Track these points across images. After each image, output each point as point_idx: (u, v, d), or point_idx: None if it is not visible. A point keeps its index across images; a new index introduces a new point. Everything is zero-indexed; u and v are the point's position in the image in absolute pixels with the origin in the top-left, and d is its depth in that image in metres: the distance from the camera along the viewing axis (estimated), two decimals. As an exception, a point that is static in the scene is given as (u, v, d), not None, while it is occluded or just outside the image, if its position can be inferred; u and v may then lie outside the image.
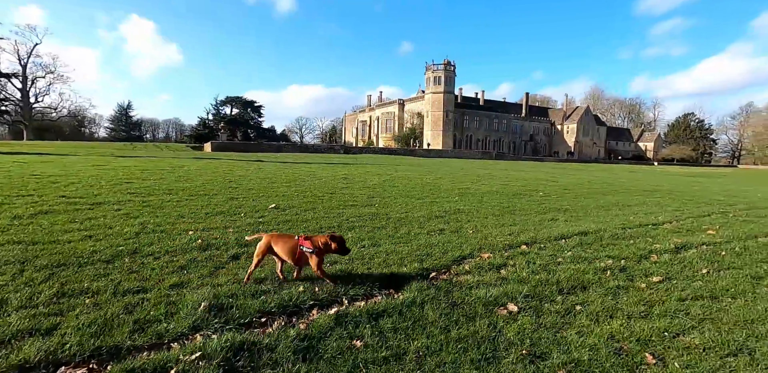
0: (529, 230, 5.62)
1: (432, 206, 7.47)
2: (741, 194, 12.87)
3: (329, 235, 3.21)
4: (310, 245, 3.10)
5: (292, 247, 3.13)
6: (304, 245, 3.10)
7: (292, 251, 3.15)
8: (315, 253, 3.10)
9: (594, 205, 8.57)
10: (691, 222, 6.86)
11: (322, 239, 3.17)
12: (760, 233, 6.05)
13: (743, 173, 50.73)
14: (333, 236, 3.18)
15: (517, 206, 7.84)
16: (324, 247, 3.15)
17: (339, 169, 16.38)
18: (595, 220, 6.70)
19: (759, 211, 8.63)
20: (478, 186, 11.25)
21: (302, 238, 3.17)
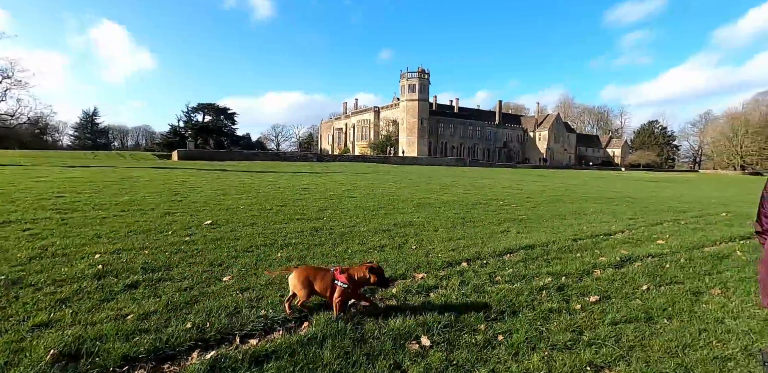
0: (477, 243, 5.38)
1: (384, 218, 7.17)
2: (696, 200, 13.17)
3: (367, 266, 2.94)
4: (345, 280, 2.84)
5: (330, 282, 2.87)
6: (339, 279, 2.85)
7: (329, 286, 2.88)
8: (348, 288, 2.86)
9: (551, 214, 8.47)
10: (643, 231, 6.80)
11: (359, 272, 2.91)
12: (707, 242, 6.01)
13: (703, 178, 53.04)
14: (371, 268, 2.92)
15: (473, 217, 7.63)
16: (360, 280, 2.91)
17: (304, 178, 15.94)
18: (548, 230, 6.54)
19: (709, 217, 8.73)
20: (440, 196, 11.05)
21: (337, 271, 2.91)
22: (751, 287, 3.98)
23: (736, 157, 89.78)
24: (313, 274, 2.91)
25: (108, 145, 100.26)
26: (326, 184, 13.52)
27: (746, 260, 5.05)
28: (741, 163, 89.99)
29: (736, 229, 7.32)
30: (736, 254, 5.35)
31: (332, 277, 2.88)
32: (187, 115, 74.21)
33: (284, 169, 22.70)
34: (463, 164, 58.36)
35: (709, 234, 6.69)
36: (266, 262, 4.20)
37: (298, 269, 2.98)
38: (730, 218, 8.73)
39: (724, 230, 7.19)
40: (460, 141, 78.24)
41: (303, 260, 4.33)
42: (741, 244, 6.04)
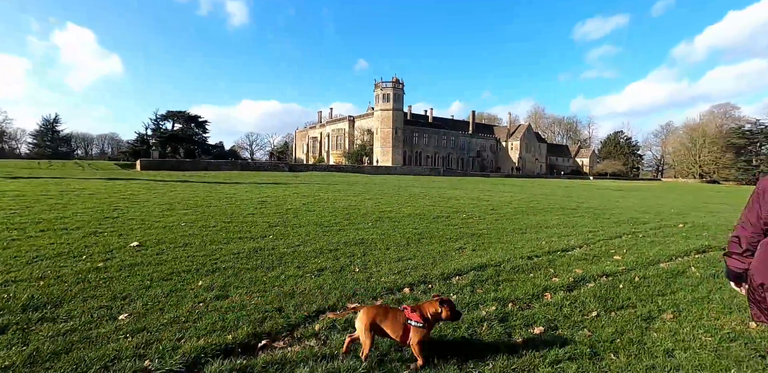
0: (427, 264, 5.03)
1: (336, 235, 6.74)
2: (656, 210, 13.38)
3: (437, 300, 2.66)
4: (418, 318, 2.55)
5: (403, 323, 2.56)
6: (412, 318, 2.56)
7: (402, 328, 2.55)
8: (425, 326, 2.55)
9: (512, 227, 8.26)
10: (601, 246, 6.64)
11: (431, 309, 2.63)
12: (663, 257, 5.88)
13: (665, 186, 55.16)
14: (442, 301, 2.64)
15: (431, 232, 7.31)
16: (434, 317, 2.62)
17: (267, 190, 15.33)
18: (506, 247, 6.28)
19: (667, 229, 8.75)
20: (404, 208, 10.72)
21: (408, 310, 2.62)
22: (704, 310, 3.78)
23: (695, 166, 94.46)
24: (382, 314, 2.59)
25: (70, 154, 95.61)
26: (288, 196, 12.99)
27: (700, 277, 4.91)
28: (699, 172, 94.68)
29: (692, 241, 7.29)
30: (691, 271, 5.21)
31: (405, 317, 2.58)
32: (155, 123, 71.90)
33: (250, 180, 21.93)
34: (437, 174, 58.71)
35: (666, 248, 6.59)
36: (181, 293, 3.70)
37: (365, 308, 2.63)
38: (687, 230, 8.77)
39: (680, 243, 7.14)
40: (434, 150, 78.97)
41: (225, 289, 3.85)
42: (696, 258, 5.95)
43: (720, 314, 3.71)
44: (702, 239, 7.53)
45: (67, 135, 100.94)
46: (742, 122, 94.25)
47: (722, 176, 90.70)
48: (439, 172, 60.64)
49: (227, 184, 17.98)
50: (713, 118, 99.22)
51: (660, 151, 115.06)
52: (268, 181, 21.40)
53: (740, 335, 3.24)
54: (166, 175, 24.92)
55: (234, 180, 22.02)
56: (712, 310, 3.81)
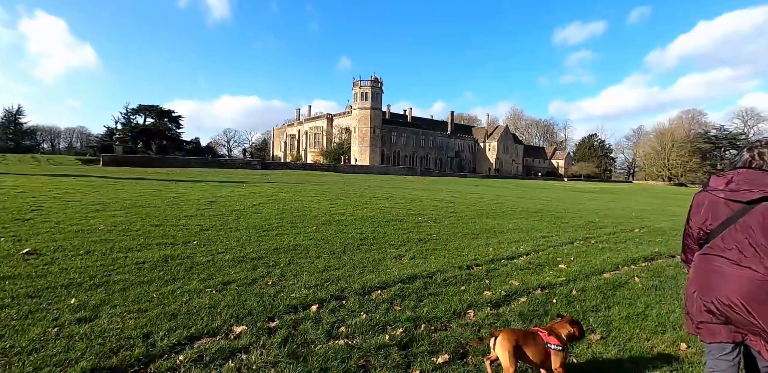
0: (352, 275, 4.59)
1: (270, 240, 6.23)
2: (617, 213, 13.38)
3: (568, 320, 2.54)
4: (557, 341, 2.37)
5: (543, 347, 2.37)
6: (551, 342, 2.37)
7: (542, 351, 2.36)
8: (564, 349, 2.39)
9: (465, 232, 7.93)
10: (549, 253, 6.36)
11: (564, 330, 2.47)
12: (609, 266, 5.63)
13: (635, 188, 56.75)
14: (572, 321, 2.53)
15: (375, 238, 6.88)
16: (569, 338, 2.47)
17: (225, 189, 14.61)
18: (449, 254, 5.91)
19: (622, 234, 8.60)
20: (359, 210, 10.28)
21: (545, 334, 2.42)
22: (636, 328, 3.48)
23: (664, 169, 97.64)
24: (522, 338, 2.36)
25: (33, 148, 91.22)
26: (243, 196, 12.35)
27: (641, 289, 4.65)
28: (668, 175, 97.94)
29: (643, 248, 7.11)
30: (634, 281, 4.96)
31: (543, 340, 2.39)
32: (125, 117, 69.46)
33: (213, 178, 21.06)
34: (414, 174, 58.58)
35: (615, 255, 6.37)
36: (41, 313, 3.14)
37: (503, 332, 2.39)
38: (642, 235, 8.64)
39: (631, 249, 6.95)
40: (413, 150, 78.85)
41: (98, 308, 3.30)
42: (642, 267, 5.72)
43: (652, 334, 3.41)
44: (653, 245, 7.37)
45: (31, 128, 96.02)
46: (708, 128, 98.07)
47: (689, 179, 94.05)
48: (416, 172, 60.52)
49: (187, 183, 17.13)
50: (681, 124, 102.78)
51: (632, 154, 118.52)
52: (232, 180, 20.59)
53: (667, 361, 2.93)
54: (125, 172, 23.75)
55: (197, 178, 21.11)
56: (644, 328, 3.51)
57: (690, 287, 2.05)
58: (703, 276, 1.98)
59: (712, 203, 1.98)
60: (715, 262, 1.93)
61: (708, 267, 1.96)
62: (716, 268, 1.92)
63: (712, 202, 1.99)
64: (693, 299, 2.01)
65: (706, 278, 1.96)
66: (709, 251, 1.99)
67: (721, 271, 1.90)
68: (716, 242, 1.95)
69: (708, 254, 1.99)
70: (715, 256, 1.95)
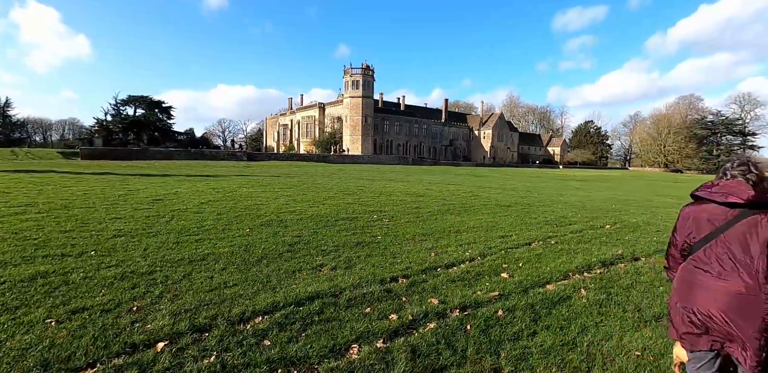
0: (243, 295, 3.92)
1: (182, 249, 5.55)
2: (596, 205, 12.73)
3: None
4: None
5: None
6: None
7: None
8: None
9: (416, 232, 7.26)
10: (497, 258, 5.70)
11: None
12: (558, 274, 4.98)
13: (629, 175, 56.14)
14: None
15: (309, 242, 6.21)
16: None
17: (186, 184, 13.90)
18: (379, 262, 5.25)
19: (590, 232, 7.94)
20: (313, 207, 9.59)
21: None
22: (553, 367, 2.84)
23: (660, 155, 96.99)
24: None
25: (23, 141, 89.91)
26: (200, 192, 11.64)
27: (583, 306, 4.00)
28: (664, 162, 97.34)
29: (606, 249, 6.46)
30: (579, 295, 4.32)
31: None
32: (115, 108, 68.06)
33: (185, 172, 20.31)
34: (405, 163, 57.80)
35: (570, 260, 5.71)
36: None
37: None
38: (611, 232, 7.99)
39: (592, 251, 6.29)
40: (405, 139, 77.84)
41: None
42: (594, 276, 5.07)
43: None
44: (619, 246, 6.72)
45: (21, 120, 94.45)
46: (705, 113, 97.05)
47: (685, 166, 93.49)
48: (407, 161, 59.70)
49: (152, 177, 16.40)
50: (678, 109, 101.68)
51: (628, 140, 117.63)
52: (204, 173, 19.85)
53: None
54: (96, 166, 22.95)
55: (168, 172, 20.35)
56: (565, 367, 2.86)
57: (673, 298, 2.15)
58: (686, 287, 2.07)
59: (697, 218, 2.08)
60: (698, 274, 2.02)
61: (690, 278, 2.05)
62: (698, 280, 2.02)
63: (696, 217, 2.08)
64: (676, 309, 2.11)
65: (689, 289, 2.05)
66: (693, 263, 2.07)
67: (703, 283, 1.99)
68: (699, 255, 2.05)
69: (691, 265, 2.08)
70: (697, 268, 2.04)
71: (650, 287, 4.66)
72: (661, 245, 6.96)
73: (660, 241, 7.31)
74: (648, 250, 6.54)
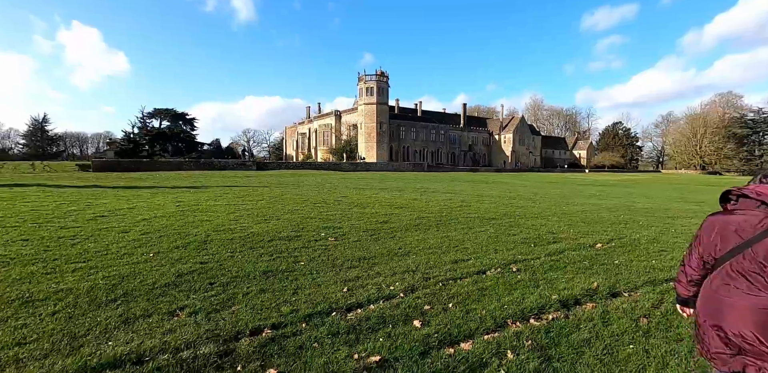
0: (23, 359, 2.88)
1: (45, 282, 4.61)
2: (601, 217, 11.10)
3: None
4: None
5: None
6: None
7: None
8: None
9: (354, 255, 6.08)
10: (424, 295, 4.45)
11: None
12: (490, 322, 3.69)
13: (658, 178, 52.53)
14: None
15: (213, 268, 5.16)
16: None
17: (159, 196, 13.25)
18: (266, 302, 4.12)
19: (572, 254, 6.49)
20: (261, 224, 8.57)
21: None
22: None
23: (696, 157, 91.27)
24: None
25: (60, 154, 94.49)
26: (160, 206, 10.89)
27: (495, 383, 2.73)
28: (701, 163, 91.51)
29: (580, 280, 5.08)
30: (502, 360, 3.04)
31: None
32: (141, 121, 70.41)
33: (173, 183, 19.87)
34: (420, 169, 56.45)
35: (523, 297, 4.38)
36: None
37: None
38: (597, 255, 6.52)
39: (559, 284, 4.92)
40: (423, 145, 76.51)
41: None
42: (542, 324, 3.74)
43: None
44: (598, 276, 5.30)
45: (56, 135, 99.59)
46: (744, 111, 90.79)
47: (724, 167, 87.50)
48: (423, 168, 58.29)
49: (134, 189, 15.95)
50: (715, 108, 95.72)
51: (660, 142, 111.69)
52: (193, 185, 19.34)
53: None
54: (94, 179, 22.97)
55: (159, 183, 19.98)
56: None
57: (700, 316, 1.96)
58: (712, 305, 1.89)
59: (723, 228, 1.87)
60: (724, 290, 1.85)
61: (717, 295, 1.88)
62: (725, 297, 1.84)
63: (722, 227, 1.87)
64: (705, 327, 1.92)
65: (716, 307, 1.87)
66: (719, 278, 1.89)
67: (731, 300, 1.81)
68: (725, 269, 1.86)
69: (717, 281, 1.89)
70: (724, 284, 1.85)
71: (614, 347, 3.31)
72: (657, 273, 5.51)
73: (659, 267, 5.83)
74: (636, 281, 5.10)
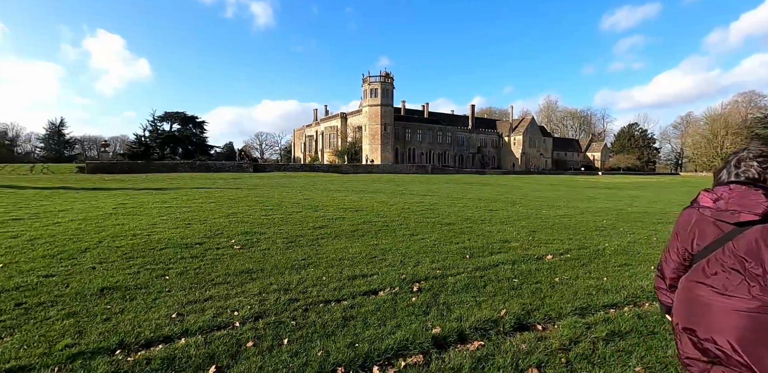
0: None
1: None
2: (578, 222, 9.81)
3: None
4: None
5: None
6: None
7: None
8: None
9: (244, 268, 5.07)
10: (257, 327, 3.39)
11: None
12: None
13: (673, 182, 50.00)
14: None
15: (51, 285, 4.22)
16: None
17: (113, 198, 12.54)
18: (50, 335, 3.13)
19: (505, 268, 5.30)
20: (180, 228, 7.65)
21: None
22: None
23: (716, 158, 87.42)
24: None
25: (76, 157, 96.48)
26: (97, 208, 10.12)
27: None
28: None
29: (489, 304, 3.93)
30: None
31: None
32: (152, 124, 71.16)
33: (145, 185, 19.26)
34: (424, 171, 55.25)
35: (398, 327, 3.27)
36: None
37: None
38: (537, 271, 5.33)
39: (461, 309, 3.79)
40: (429, 147, 75.22)
41: None
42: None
43: None
44: (519, 299, 4.14)
45: (72, 138, 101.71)
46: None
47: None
48: (427, 170, 57.04)
49: (103, 191, 15.36)
50: (737, 108, 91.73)
51: (679, 143, 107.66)
52: (167, 186, 18.69)
53: None
54: (74, 181, 22.61)
55: (136, 185, 19.42)
56: None
57: (674, 319, 1.77)
58: (686, 307, 1.70)
59: (700, 221, 1.70)
60: (698, 290, 1.67)
61: (691, 296, 1.69)
62: (700, 297, 1.65)
63: (700, 220, 1.70)
64: (678, 331, 1.76)
65: (690, 308, 1.69)
66: (693, 276, 1.72)
67: (705, 301, 1.63)
68: (701, 266, 1.70)
69: (692, 280, 1.72)
70: (699, 283, 1.68)
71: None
72: (600, 296, 4.32)
73: (608, 287, 4.62)
74: (564, 307, 3.92)
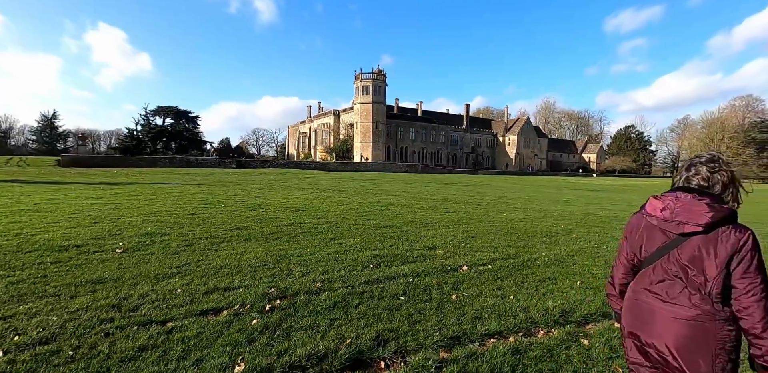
0: None
1: None
2: (530, 226, 9.09)
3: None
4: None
5: None
6: None
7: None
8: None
9: (97, 277, 4.34)
10: None
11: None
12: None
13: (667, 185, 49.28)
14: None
15: None
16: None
17: (50, 193, 11.79)
18: None
19: (400, 281, 4.58)
20: (86, 228, 6.92)
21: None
22: None
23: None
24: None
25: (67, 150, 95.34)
26: (24, 203, 9.38)
27: None
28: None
29: (337, 332, 3.22)
30: None
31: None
32: (144, 118, 70.09)
33: (110, 180, 18.50)
34: (414, 170, 54.52)
35: (167, 371, 2.56)
36: None
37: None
38: (437, 285, 4.61)
39: (291, 339, 3.08)
40: (422, 146, 74.45)
41: None
42: None
43: None
44: (386, 323, 3.42)
45: (66, 131, 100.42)
46: (765, 116, 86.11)
47: (742, 174, 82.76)
48: (417, 169, 56.30)
49: (51, 185, 14.66)
50: (734, 112, 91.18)
51: (676, 146, 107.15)
52: (126, 181, 17.93)
53: None
54: (38, 174, 21.82)
55: (96, 179, 18.66)
56: None
57: (622, 322, 1.81)
58: (632, 312, 1.75)
59: (648, 227, 1.72)
60: (644, 296, 1.70)
61: (636, 301, 1.73)
62: (644, 304, 1.69)
63: (648, 226, 1.72)
64: (624, 336, 1.79)
65: (635, 314, 1.73)
66: (639, 282, 1.76)
67: (649, 306, 1.67)
68: (647, 273, 1.72)
69: (638, 286, 1.76)
70: (643, 289, 1.72)
71: None
72: (492, 321, 3.61)
73: (509, 309, 3.91)
74: (432, 336, 3.20)
